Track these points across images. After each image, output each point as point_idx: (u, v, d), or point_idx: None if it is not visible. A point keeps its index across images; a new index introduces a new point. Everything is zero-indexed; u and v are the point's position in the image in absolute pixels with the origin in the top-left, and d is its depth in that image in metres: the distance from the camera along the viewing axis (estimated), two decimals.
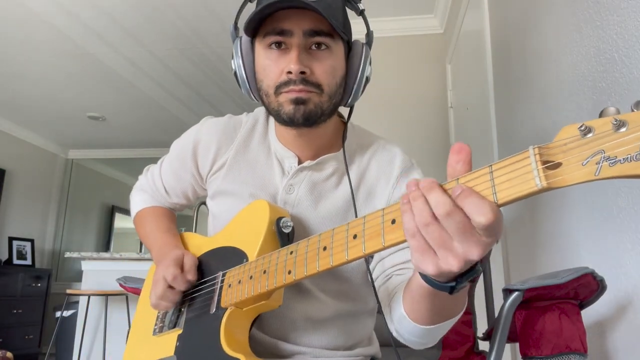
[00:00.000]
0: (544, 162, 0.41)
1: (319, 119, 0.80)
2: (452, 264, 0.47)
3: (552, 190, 0.42)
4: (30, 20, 3.21)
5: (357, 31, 0.87)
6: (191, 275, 0.83)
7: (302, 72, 0.75)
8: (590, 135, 0.40)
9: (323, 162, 0.86)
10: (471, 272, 0.52)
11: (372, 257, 0.84)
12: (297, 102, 0.77)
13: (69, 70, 3.94)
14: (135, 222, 1.06)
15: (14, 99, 4.55)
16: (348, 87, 0.83)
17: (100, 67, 3.89)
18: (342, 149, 0.87)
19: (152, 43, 3.51)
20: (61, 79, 4.12)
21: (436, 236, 0.46)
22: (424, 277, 0.55)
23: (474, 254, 0.46)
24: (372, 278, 0.80)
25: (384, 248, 0.53)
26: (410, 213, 0.48)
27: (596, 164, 0.39)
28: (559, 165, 0.41)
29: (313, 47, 0.77)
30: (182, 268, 0.83)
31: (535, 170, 0.41)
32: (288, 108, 0.77)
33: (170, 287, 0.82)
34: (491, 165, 0.45)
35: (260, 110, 0.94)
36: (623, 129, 0.38)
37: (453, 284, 0.52)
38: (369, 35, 0.87)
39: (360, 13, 0.85)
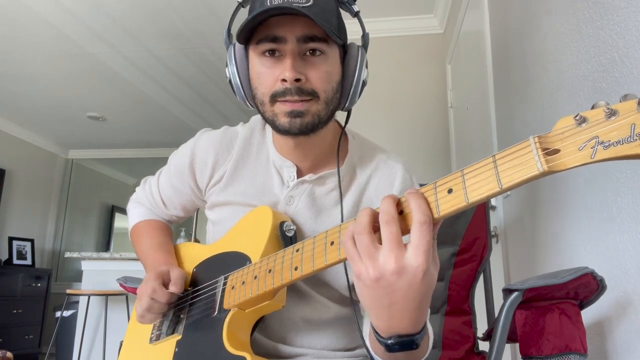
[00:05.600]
0: (544, 149, 0.45)
1: (317, 127, 0.78)
2: (370, 273, 0.52)
3: (553, 173, 0.45)
4: (30, 20, 3.21)
5: (352, 31, 0.86)
6: (175, 288, 0.82)
7: (297, 80, 0.74)
8: (584, 124, 0.44)
9: (324, 177, 0.85)
10: (406, 343, 0.56)
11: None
12: (293, 115, 0.75)
13: (69, 70, 3.94)
14: (131, 237, 1.05)
15: (14, 99, 4.55)
16: (345, 91, 0.81)
17: (100, 67, 3.89)
18: (342, 164, 0.86)
19: (152, 43, 3.51)
20: (61, 79, 4.12)
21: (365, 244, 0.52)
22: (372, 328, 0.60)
23: (391, 266, 0.51)
24: (351, 295, 0.80)
25: None
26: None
27: (591, 148, 0.43)
28: (557, 151, 0.45)
29: (307, 53, 0.76)
30: (165, 281, 0.84)
31: (536, 156, 0.45)
32: (283, 120, 0.76)
33: (154, 299, 0.82)
34: (494, 155, 0.49)
35: (256, 119, 0.93)
36: (614, 117, 0.42)
37: (389, 342, 0.56)
38: (365, 37, 0.85)
39: (355, 15, 0.83)
